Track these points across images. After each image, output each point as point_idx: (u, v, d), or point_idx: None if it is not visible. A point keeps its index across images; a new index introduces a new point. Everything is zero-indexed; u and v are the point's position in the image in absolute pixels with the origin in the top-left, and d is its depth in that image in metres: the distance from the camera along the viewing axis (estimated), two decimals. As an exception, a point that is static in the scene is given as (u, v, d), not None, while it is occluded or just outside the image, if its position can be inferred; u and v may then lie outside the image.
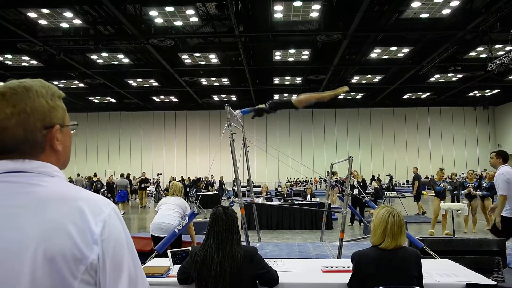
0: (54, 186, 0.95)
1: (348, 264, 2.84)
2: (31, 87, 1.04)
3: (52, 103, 1.04)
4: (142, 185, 18.59)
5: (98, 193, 18.13)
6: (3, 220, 0.88)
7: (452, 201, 11.15)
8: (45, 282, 0.86)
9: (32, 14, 13.90)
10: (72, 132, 1.08)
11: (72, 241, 0.89)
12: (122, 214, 11.61)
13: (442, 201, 9.31)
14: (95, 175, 23.30)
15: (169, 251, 3.15)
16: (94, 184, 18.25)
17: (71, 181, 19.86)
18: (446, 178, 10.47)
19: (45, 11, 13.60)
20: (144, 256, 3.89)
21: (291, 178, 30.99)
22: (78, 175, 18.67)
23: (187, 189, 20.75)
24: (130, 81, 23.45)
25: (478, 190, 9.41)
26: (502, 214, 5.19)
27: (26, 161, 0.95)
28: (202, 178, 22.18)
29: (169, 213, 5.07)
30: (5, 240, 0.87)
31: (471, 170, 10.09)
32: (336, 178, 15.03)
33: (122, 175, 16.98)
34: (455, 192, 10.64)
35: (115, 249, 0.94)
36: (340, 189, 14.92)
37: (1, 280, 0.85)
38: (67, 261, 0.88)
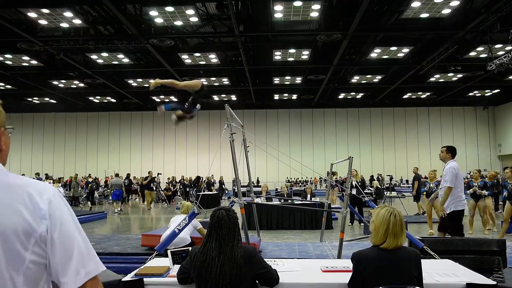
0: (2, 177, 1.10)
1: (348, 264, 2.84)
2: None
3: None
4: (151, 185, 18.01)
5: (93, 194, 17.95)
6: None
7: None
8: (11, 250, 1.01)
9: (32, 14, 13.90)
10: (9, 135, 1.23)
11: (22, 218, 1.03)
12: (115, 213, 11.67)
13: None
14: (89, 176, 23.40)
15: (169, 251, 3.14)
16: (89, 185, 18.29)
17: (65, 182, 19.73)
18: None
19: (45, 11, 13.60)
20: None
21: (291, 178, 30.99)
22: (76, 175, 18.62)
23: (187, 189, 20.75)
24: (130, 81, 23.45)
25: (484, 190, 9.37)
26: (453, 209, 5.60)
27: None
28: (202, 178, 22.16)
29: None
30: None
31: (476, 169, 10.06)
32: (336, 178, 15.03)
33: (117, 175, 17.33)
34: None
35: (62, 224, 1.07)
36: (340, 189, 14.92)
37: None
38: (18, 235, 1.02)
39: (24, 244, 1.02)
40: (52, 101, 28.87)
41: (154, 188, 19.02)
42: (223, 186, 24.64)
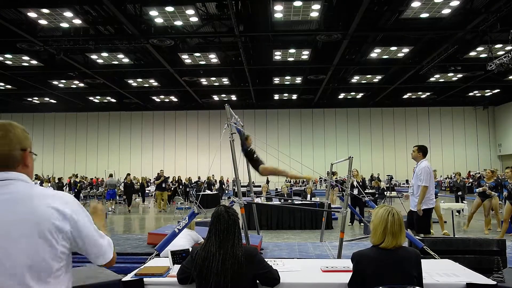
0: (35, 188, 1.50)
1: (348, 264, 2.84)
2: (12, 123, 1.51)
3: (26, 134, 1.53)
4: (163, 185, 16.84)
5: (80, 192, 18.31)
6: (10, 208, 1.41)
7: (457, 201, 11.13)
8: (44, 243, 1.40)
9: (32, 14, 13.90)
10: (34, 159, 1.59)
11: (53, 221, 1.43)
12: (109, 211, 11.89)
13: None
14: (76, 176, 23.53)
15: (169, 251, 3.15)
16: (78, 184, 18.43)
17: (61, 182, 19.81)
18: (444, 179, 10.42)
19: (45, 11, 13.60)
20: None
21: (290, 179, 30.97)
22: (76, 175, 18.65)
23: (187, 189, 20.75)
24: (130, 81, 23.45)
25: (494, 191, 9.32)
26: (423, 207, 5.76)
27: (11, 172, 1.47)
28: (200, 180, 22.17)
29: (181, 243, 5.15)
30: (19, 215, 1.40)
31: (489, 169, 10.00)
32: (336, 178, 15.02)
33: (111, 175, 17.70)
34: (459, 193, 10.62)
35: (79, 221, 1.50)
36: (340, 189, 14.92)
37: (17, 237, 1.37)
38: (51, 233, 1.42)
39: (56, 238, 1.43)
40: (52, 101, 28.87)
41: (167, 188, 17.81)
42: (223, 186, 24.63)
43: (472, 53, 18.36)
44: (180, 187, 20.79)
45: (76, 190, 18.49)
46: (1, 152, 1.44)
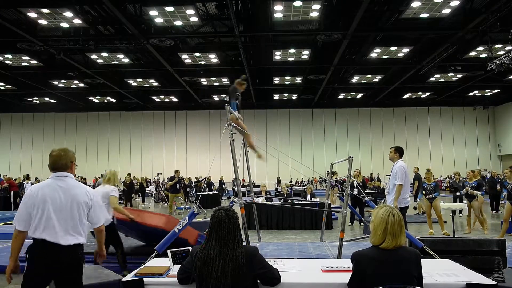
0: (75, 181, 2.97)
1: (348, 264, 2.84)
2: (67, 148, 3.02)
3: (73, 154, 3.00)
4: (177, 186, 15.16)
5: None
6: (66, 191, 2.86)
7: (454, 201, 11.11)
8: (81, 209, 2.89)
9: (32, 14, 13.90)
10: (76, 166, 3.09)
11: (85, 199, 2.92)
12: None
13: (431, 202, 9.32)
14: (28, 176, 23.90)
15: (169, 251, 3.14)
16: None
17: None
18: (444, 179, 10.37)
19: (45, 11, 13.60)
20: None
21: (291, 179, 30.99)
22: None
23: (187, 189, 20.74)
24: (130, 81, 23.45)
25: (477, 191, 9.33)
26: (400, 205, 5.91)
27: (66, 172, 2.94)
28: (200, 179, 22.17)
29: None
30: (72, 196, 2.87)
31: (470, 170, 10.04)
32: (336, 178, 15.02)
33: (102, 176, 17.90)
34: (458, 193, 10.58)
35: (95, 202, 3.00)
36: (340, 189, 14.91)
37: (70, 214, 2.83)
38: (85, 204, 2.92)
39: (87, 207, 2.93)
40: (52, 101, 28.87)
41: (181, 190, 16.16)
42: (223, 186, 24.63)
43: (472, 53, 18.36)
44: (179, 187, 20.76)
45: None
46: (62, 162, 2.93)
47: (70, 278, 2.77)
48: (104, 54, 18.36)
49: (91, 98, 28.48)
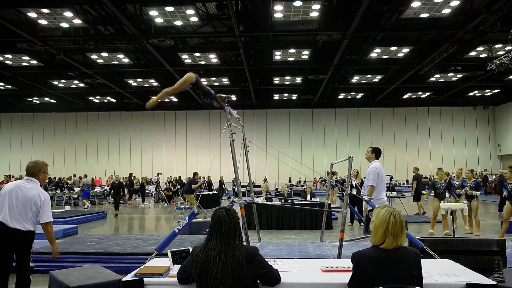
0: (35, 185, 4.05)
1: (348, 264, 2.84)
2: (37, 161, 4.20)
3: (42, 166, 4.13)
4: (192, 187, 14.57)
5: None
6: (26, 191, 3.95)
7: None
8: (33, 207, 3.92)
9: (32, 14, 13.90)
10: (47, 174, 4.31)
11: (37, 199, 3.94)
12: (85, 208, 12.58)
13: (441, 201, 9.25)
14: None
15: (169, 251, 3.14)
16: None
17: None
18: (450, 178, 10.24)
19: (45, 11, 13.60)
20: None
21: (291, 179, 30.97)
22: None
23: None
24: (130, 81, 23.45)
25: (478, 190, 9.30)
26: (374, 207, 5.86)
27: (33, 178, 4.06)
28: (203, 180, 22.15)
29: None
30: (27, 196, 3.92)
31: (468, 170, 9.98)
32: (336, 178, 15.02)
33: (85, 176, 20.02)
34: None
35: (45, 202, 3.97)
36: (340, 189, 14.91)
37: (23, 208, 3.89)
38: (35, 203, 3.93)
39: (36, 206, 3.93)
40: (52, 101, 28.87)
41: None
42: (223, 186, 24.62)
43: (472, 53, 18.36)
44: (180, 187, 20.79)
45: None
46: (31, 171, 4.02)
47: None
48: (104, 54, 18.35)
49: (91, 98, 28.48)
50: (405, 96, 28.67)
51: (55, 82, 23.46)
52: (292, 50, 17.89)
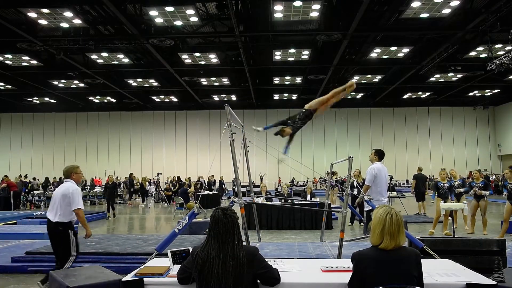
0: (69, 183, 5.04)
1: (348, 264, 2.84)
2: (70, 165, 5.27)
3: (73, 168, 5.14)
4: (198, 187, 15.14)
5: (33, 191, 19.17)
6: (59, 190, 5.01)
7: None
8: (61, 199, 4.88)
9: (32, 14, 13.89)
10: (81, 175, 5.29)
11: (66, 193, 4.89)
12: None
13: (443, 201, 9.24)
14: (26, 176, 24.04)
15: (169, 251, 3.14)
16: (29, 185, 18.99)
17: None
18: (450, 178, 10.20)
19: (45, 10, 13.59)
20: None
21: (291, 180, 30.97)
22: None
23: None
24: (130, 81, 23.44)
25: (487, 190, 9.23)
26: (370, 207, 6.17)
27: (68, 179, 5.08)
28: (200, 181, 22.15)
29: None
30: (58, 192, 4.96)
31: (476, 170, 9.95)
32: (336, 178, 15.02)
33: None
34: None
35: (73, 193, 4.87)
36: (340, 189, 14.91)
37: (61, 201, 4.88)
38: (66, 196, 4.86)
39: (67, 199, 4.86)
40: (52, 101, 28.86)
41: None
42: (223, 186, 24.64)
43: (472, 53, 18.35)
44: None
45: (26, 190, 19.07)
46: (65, 174, 5.09)
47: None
48: (104, 54, 18.35)
49: (91, 98, 28.47)
50: (405, 96, 28.66)
51: (55, 82, 23.46)
52: (292, 50, 17.88)
